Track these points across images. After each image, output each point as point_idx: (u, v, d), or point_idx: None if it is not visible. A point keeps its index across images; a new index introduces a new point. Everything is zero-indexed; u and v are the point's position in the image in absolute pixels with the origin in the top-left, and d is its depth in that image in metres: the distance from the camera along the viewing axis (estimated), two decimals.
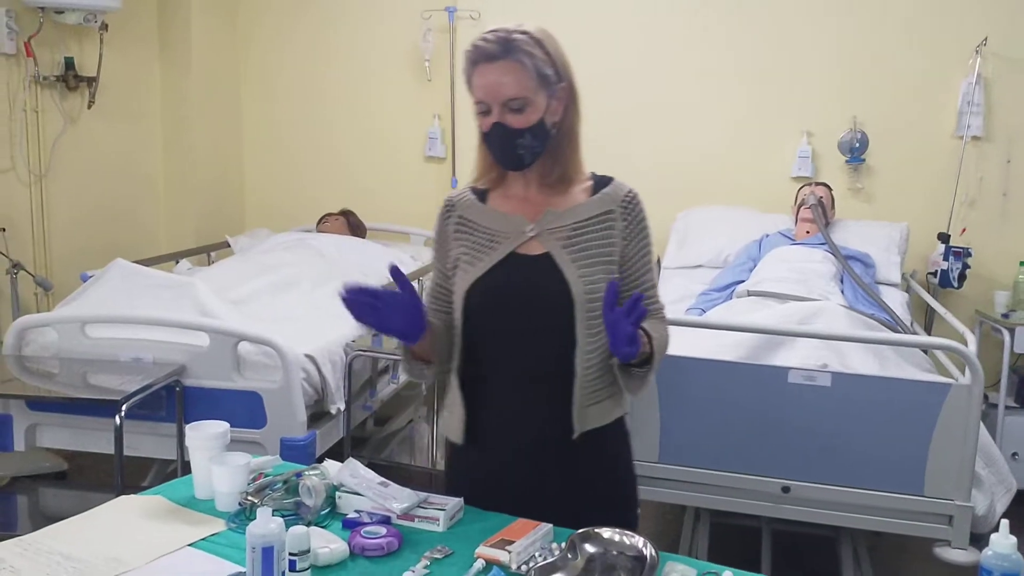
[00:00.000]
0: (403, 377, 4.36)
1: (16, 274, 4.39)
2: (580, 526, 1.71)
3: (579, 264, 1.91)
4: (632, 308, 1.69)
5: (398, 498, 1.88)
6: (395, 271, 1.83)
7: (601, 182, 2.02)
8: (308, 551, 1.60)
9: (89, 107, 4.88)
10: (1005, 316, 4.50)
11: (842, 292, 3.97)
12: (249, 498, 1.89)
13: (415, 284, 4.44)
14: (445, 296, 2.04)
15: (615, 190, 1.99)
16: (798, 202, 4.57)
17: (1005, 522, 1.47)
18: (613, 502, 2.00)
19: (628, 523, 1.89)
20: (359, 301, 1.77)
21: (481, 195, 2.05)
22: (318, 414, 3.61)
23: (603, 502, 1.96)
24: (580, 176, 2.01)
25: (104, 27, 4.81)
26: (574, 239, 1.93)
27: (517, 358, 1.93)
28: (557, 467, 1.95)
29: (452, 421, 2.01)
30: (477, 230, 1.99)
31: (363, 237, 5.24)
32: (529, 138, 1.89)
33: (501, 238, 1.96)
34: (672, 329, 2.10)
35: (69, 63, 4.78)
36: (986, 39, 4.61)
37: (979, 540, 2.85)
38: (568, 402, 1.91)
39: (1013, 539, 1.44)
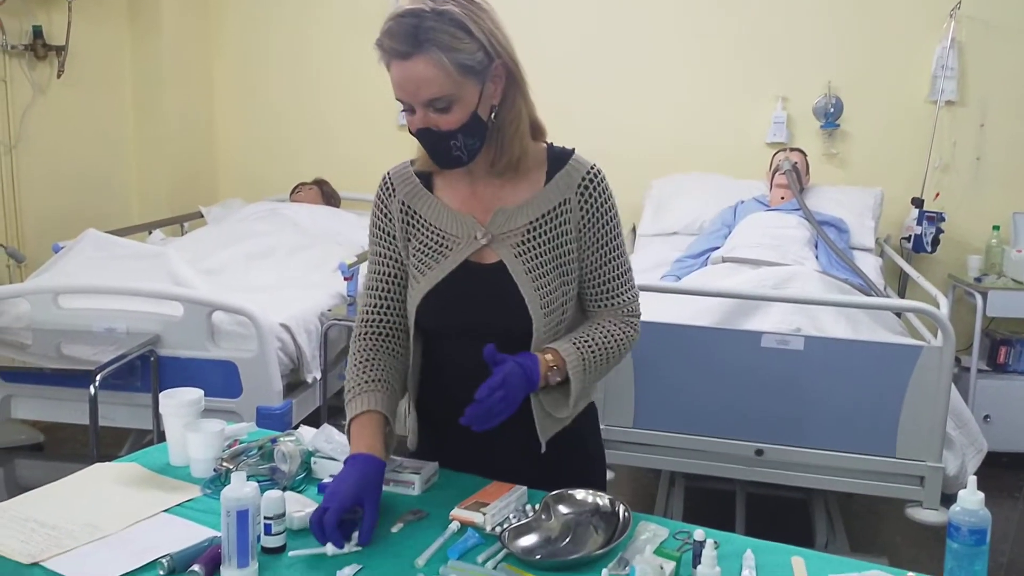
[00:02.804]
0: None
1: None
2: None
3: (534, 275, 1.76)
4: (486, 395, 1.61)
5: None
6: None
7: (557, 161, 1.81)
8: (283, 515, 1.60)
9: (59, 76, 4.82)
10: (978, 280, 4.54)
11: (816, 257, 3.99)
12: (224, 464, 1.89)
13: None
14: (389, 283, 1.88)
15: (572, 173, 1.79)
16: (773, 168, 4.58)
17: (973, 478, 1.48)
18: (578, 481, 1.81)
19: None
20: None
21: (425, 179, 1.87)
22: (294, 383, 3.61)
23: (567, 480, 1.80)
24: (533, 158, 1.81)
25: None
26: (527, 243, 1.77)
27: (476, 372, 1.68)
28: (526, 470, 1.84)
29: (408, 429, 1.94)
30: (425, 228, 1.83)
31: (337, 206, 5.22)
32: (462, 138, 1.68)
33: (452, 243, 1.80)
34: (648, 295, 2.04)
35: (37, 32, 4.72)
36: (960, 3, 4.62)
37: (950, 500, 2.88)
38: (530, 414, 1.80)
39: (980, 495, 1.45)
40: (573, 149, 1.84)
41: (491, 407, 1.63)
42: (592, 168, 1.81)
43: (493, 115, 1.73)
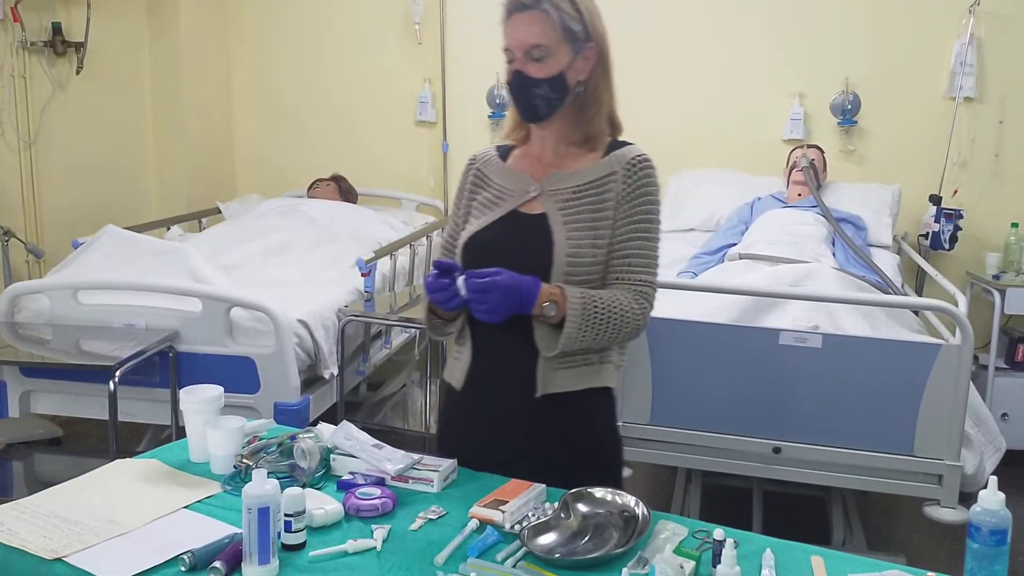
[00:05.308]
0: (396, 342, 4.37)
1: (7, 241, 4.38)
2: (560, 486, 1.76)
3: (570, 227, 1.92)
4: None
5: (392, 460, 1.89)
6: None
7: (616, 146, 2.02)
8: (303, 512, 1.61)
9: (78, 73, 4.85)
10: (996, 277, 4.52)
11: (833, 255, 3.97)
12: (244, 460, 1.90)
13: (407, 249, 4.48)
14: (453, 247, 2.08)
15: (626, 152, 1.99)
16: (790, 164, 4.57)
17: (993, 479, 1.48)
18: (589, 469, 1.96)
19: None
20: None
21: (504, 153, 2.11)
22: (311, 379, 3.62)
23: (579, 467, 1.95)
24: (600, 142, 2.02)
25: None
26: (572, 202, 1.95)
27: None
28: (526, 425, 1.96)
29: (456, 367, 2.04)
30: (489, 186, 2.06)
31: (354, 202, 5.23)
32: (546, 89, 1.92)
33: (507, 195, 2.02)
34: (664, 292, 2.09)
35: (57, 28, 4.74)
36: None
37: (968, 499, 2.87)
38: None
39: (1001, 495, 1.45)
40: (633, 143, 2.05)
41: (473, 305, 1.81)
42: (644, 154, 2.01)
43: (579, 89, 1.97)
